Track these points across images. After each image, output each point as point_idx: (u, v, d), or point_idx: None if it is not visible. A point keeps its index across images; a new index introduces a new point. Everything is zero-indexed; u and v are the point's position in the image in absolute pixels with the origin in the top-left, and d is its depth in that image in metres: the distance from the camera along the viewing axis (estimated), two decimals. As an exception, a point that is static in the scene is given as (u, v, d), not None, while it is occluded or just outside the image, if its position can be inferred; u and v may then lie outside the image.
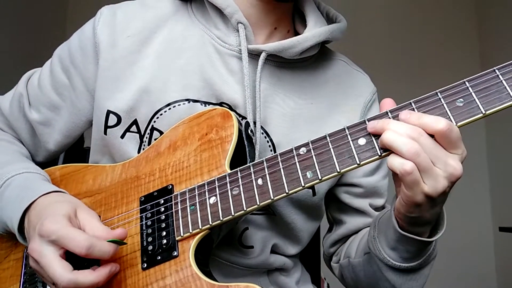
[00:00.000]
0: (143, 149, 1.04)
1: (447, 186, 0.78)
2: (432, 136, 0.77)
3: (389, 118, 0.81)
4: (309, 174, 0.83)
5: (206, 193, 0.90)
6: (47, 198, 0.93)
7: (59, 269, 0.81)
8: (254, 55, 1.05)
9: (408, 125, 0.77)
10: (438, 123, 0.76)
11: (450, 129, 0.75)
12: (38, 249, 0.83)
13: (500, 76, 0.76)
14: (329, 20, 1.16)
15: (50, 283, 0.84)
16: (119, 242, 0.86)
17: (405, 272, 0.96)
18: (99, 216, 0.97)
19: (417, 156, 0.75)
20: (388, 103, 0.83)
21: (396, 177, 0.84)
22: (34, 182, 0.99)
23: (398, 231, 0.89)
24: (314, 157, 0.83)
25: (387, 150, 0.79)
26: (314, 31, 1.06)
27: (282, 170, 0.85)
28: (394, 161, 0.78)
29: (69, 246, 0.81)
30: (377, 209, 1.16)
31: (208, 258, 0.98)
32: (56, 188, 0.98)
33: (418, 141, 0.76)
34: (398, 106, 0.81)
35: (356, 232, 1.18)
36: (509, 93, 0.75)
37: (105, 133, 1.06)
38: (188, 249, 0.87)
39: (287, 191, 0.84)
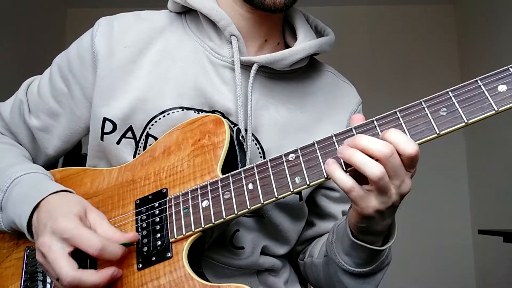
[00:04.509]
0: (139, 154, 1.03)
1: (397, 201, 0.79)
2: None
3: (375, 126, 0.80)
4: (297, 180, 0.82)
5: (199, 197, 0.89)
6: (57, 196, 0.93)
7: (66, 266, 0.81)
8: (246, 66, 1.05)
9: (383, 142, 0.75)
10: (411, 148, 0.75)
11: (418, 153, 0.75)
12: (48, 243, 0.83)
13: (482, 87, 0.76)
14: (318, 33, 1.16)
15: (54, 278, 0.84)
16: (128, 244, 0.87)
17: (358, 276, 0.97)
18: None
19: (381, 181, 0.75)
20: (358, 119, 0.83)
21: None
22: (42, 182, 0.99)
23: (351, 239, 0.90)
24: (302, 163, 0.83)
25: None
26: (304, 44, 1.06)
27: (271, 175, 0.85)
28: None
29: (82, 245, 0.82)
30: None
31: (200, 259, 0.97)
32: (65, 188, 0.97)
33: (388, 160, 0.74)
34: (384, 114, 0.80)
35: (323, 235, 1.18)
36: (490, 103, 0.74)
37: (102, 139, 1.05)
38: (181, 251, 0.87)
39: (276, 196, 0.83)
